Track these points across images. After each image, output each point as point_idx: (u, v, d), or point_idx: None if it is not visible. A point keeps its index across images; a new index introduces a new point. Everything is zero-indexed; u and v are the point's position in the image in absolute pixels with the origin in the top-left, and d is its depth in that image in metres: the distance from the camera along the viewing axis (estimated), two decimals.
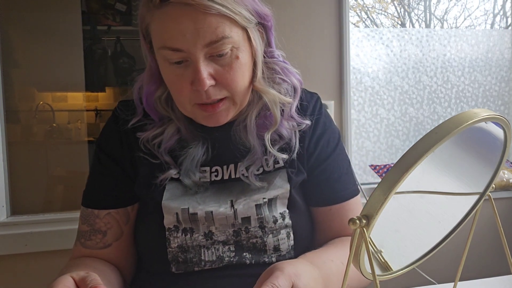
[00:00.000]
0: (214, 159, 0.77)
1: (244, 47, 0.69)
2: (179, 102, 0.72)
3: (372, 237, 0.43)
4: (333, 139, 0.81)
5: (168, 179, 0.75)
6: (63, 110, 2.26)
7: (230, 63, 0.67)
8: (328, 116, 0.83)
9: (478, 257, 1.87)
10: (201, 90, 0.65)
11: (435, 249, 0.52)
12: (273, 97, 0.73)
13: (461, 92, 2.08)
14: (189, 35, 0.63)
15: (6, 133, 1.56)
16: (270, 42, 0.77)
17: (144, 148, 0.76)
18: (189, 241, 0.73)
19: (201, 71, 0.64)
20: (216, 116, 0.70)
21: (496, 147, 0.47)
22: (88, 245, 0.77)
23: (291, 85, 0.77)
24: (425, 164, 0.37)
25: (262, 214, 0.73)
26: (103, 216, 0.77)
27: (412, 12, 2.45)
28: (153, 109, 0.77)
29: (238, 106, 0.72)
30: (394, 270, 0.48)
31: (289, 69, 0.79)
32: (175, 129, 0.76)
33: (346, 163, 0.82)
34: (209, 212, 0.73)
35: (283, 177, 0.75)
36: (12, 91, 1.96)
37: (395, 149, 2.02)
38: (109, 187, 0.79)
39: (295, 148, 0.76)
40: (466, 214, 0.52)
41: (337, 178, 0.79)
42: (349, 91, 1.75)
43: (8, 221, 1.51)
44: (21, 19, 1.95)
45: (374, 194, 0.37)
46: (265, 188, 0.74)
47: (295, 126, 0.76)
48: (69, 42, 2.10)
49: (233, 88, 0.69)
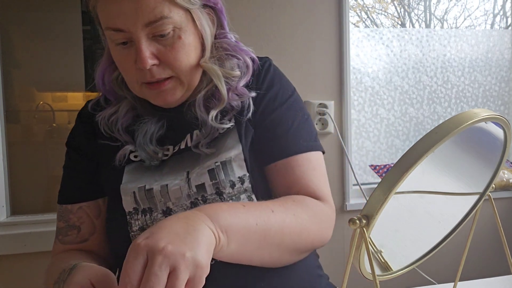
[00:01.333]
0: (173, 136, 0.78)
1: (188, 28, 0.70)
2: (128, 82, 0.74)
3: (372, 237, 0.43)
4: (283, 94, 0.79)
5: (126, 158, 0.76)
6: (63, 110, 2.26)
7: (172, 43, 0.68)
8: (278, 74, 0.82)
9: (478, 257, 1.87)
10: (144, 68, 0.67)
11: (435, 249, 0.52)
12: (216, 72, 0.74)
13: (461, 92, 2.08)
14: (129, 15, 0.65)
15: (6, 133, 1.56)
16: (222, 24, 0.78)
17: (104, 131, 0.77)
18: (149, 221, 0.72)
19: (143, 50, 0.66)
20: (162, 95, 0.72)
21: (496, 147, 0.47)
22: (67, 241, 0.78)
23: (242, 61, 0.77)
24: (425, 164, 0.37)
25: (217, 179, 0.71)
26: (76, 210, 0.79)
27: (412, 12, 2.45)
28: (111, 90, 0.79)
29: (186, 85, 0.73)
30: (394, 270, 0.48)
31: (241, 47, 0.79)
32: (129, 106, 0.78)
33: (298, 119, 0.78)
34: (164, 185, 0.72)
35: (233, 137, 0.74)
36: (12, 91, 1.97)
37: (395, 149, 2.02)
38: (79, 181, 0.80)
39: (248, 112, 0.75)
40: (466, 214, 0.52)
41: (282, 133, 0.76)
42: (349, 91, 1.75)
43: (8, 221, 1.51)
44: (22, 19, 1.95)
45: (374, 194, 0.37)
46: (216, 153, 0.73)
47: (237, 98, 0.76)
48: (69, 42, 2.10)
49: (177, 68, 0.70)
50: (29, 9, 1.98)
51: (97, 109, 0.81)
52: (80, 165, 0.81)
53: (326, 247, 0.75)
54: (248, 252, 0.61)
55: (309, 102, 1.69)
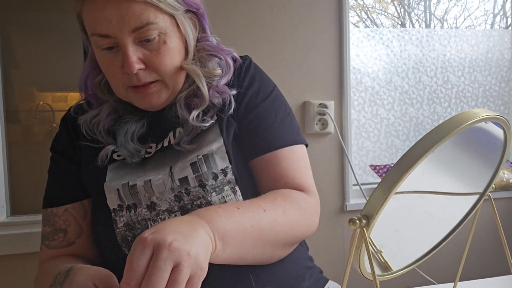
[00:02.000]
0: (155, 134, 0.79)
1: (173, 33, 0.72)
2: (113, 86, 0.75)
3: (372, 237, 0.43)
4: (265, 89, 0.81)
5: (109, 157, 0.77)
6: (63, 110, 2.26)
7: (158, 48, 0.70)
8: (258, 71, 0.83)
9: (478, 257, 1.87)
10: (131, 73, 0.69)
11: (435, 249, 0.52)
12: (196, 72, 0.75)
13: (461, 92, 2.08)
14: (114, 21, 0.67)
15: (6, 133, 1.56)
16: (204, 28, 0.80)
17: (87, 134, 0.79)
18: (133, 216, 0.72)
19: (130, 55, 0.68)
20: (148, 98, 0.73)
21: (496, 147, 0.47)
22: (53, 245, 0.78)
23: (224, 61, 0.79)
24: (425, 164, 0.37)
25: (199, 172, 0.72)
26: (61, 213, 0.79)
27: (412, 12, 2.45)
28: (94, 94, 0.81)
29: (171, 89, 0.75)
30: (394, 270, 0.48)
31: (222, 48, 0.80)
32: (111, 109, 0.80)
33: (281, 113, 0.80)
34: (148, 180, 0.73)
35: (215, 131, 0.76)
36: (12, 91, 1.97)
37: (395, 149, 2.02)
38: (63, 183, 0.81)
39: (229, 109, 0.77)
40: (466, 214, 0.52)
41: (266, 127, 0.77)
42: (349, 91, 1.75)
43: (8, 221, 1.51)
44: (21, 19, 1.96)
45: (374, 194, 0.37)
46: (198, 147, 0.74)
47: (217, 96, 0.77)
48: (69, 42, 2.10)
49: (162, 72, 0.72)
50: (29, 9, 1.98)
51: (79, 112, 0.82)
52: (65, 168, 0.82)
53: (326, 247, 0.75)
54: (242, 253, 0.63)
55: (309, 102, 1.69)
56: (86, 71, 0.81)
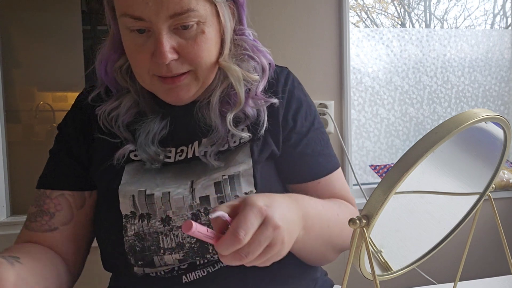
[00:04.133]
0: (177, 138, 0.74)
1: (212, 22, 0.66)
2: (138, 74, 0.69)
3: (372, 237, 0.43)
4: (310, 111, 0.78)
5: (126, 157, 0.72)
6: (63, 110, 2.26)
7: (195, 37, 0.64)
8: (302, 90, 0.80)
9: (478, 257, 1.87)
10: (162, 64, 0.63)
11: (435, 249, 0.52)
12: (237, 74, 0.70)
13: (461, 92, 2.08)
14: (151, 4, 0.60)
15: (6, 133, 1.56)
16: (241, 19, 0.74)
17: (104, 127, 0.73)
18: (145, 227, 0.68)
19: (163, 44, 0.62)
20: (176, 90, 0.67)
21: (496, 147, 0.47)
22: (32, 227, 0.72)
23: (259, 64, 0.74)
24: (425, 164, 0.37)
25: (222, 193, 0.68)
26: (55, 196, 0.73)
27: (412, 12, 2.45)
28: (113, 80, 0.74)
29: (201, 82, 0.69)
30: (394, 270, 0.48)
31: (259, 48, 0.75)
32: (132, 101, 0.73)
33: (326, 135, 0.80)
34: (166, 193, 0.69)
35: (245, 152, 0.71)
36: (13, 91, 1.97)
37: (395, 149, 2.02)
38: (66, 167, 0.75)
39: (263, 126, 0.72)
40: (466, 214, 0.52)
41: (320, 151, 0.77)
42: (349, 91, 1.75)
43: (8, 221, 1.51)
44: (22, 19, 1.96)
45: (374, 194, 0.37)
46: (225, 166, 0.70)
47: (259, 105, 0.73)
48: (70, 42, 2.10)
49: (197, 63, 0.66)
50: (29, 9, 1.99)
51: (98, 100, 0.75)
52: (70, 150, 0.75)
53: None
54: (311, 248, 0.67)
55: None
56: (105, 54, 0.73)
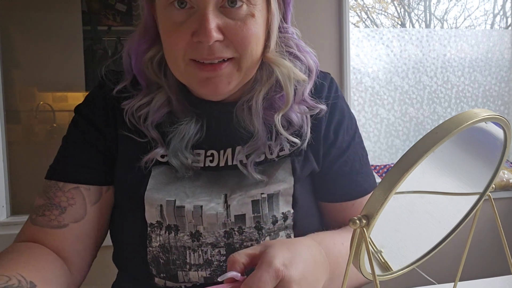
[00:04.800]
0: (209, 141, 0.67)
1: (261, 8, 0.59)
2: (172, 59, 0.61)
3: (372, 237, 0.43)
4: (351, 125, 0.72)
5: (154, 161, 0.65)
6: (63, 110, 2.27)
7: (245, 18, 0.57)
8: (344, 100, 0.74)
9: (478, 257, 1.87)
10: (205, 42, 0.55)
11: (435, 249, 0.52)
12: (287, 70, 0.62)
13: (461, 92, 2.08)
14: None
15: (6, 133, 1.57)
16: (286, 17, 0.67)
17: (130, 123, 0.65)
18: (172, 240, 0.63)
19: (209, 20, 0.54)
20: (214, 82, 0.59)
21: (496, 147, 0.47)
22: (39, 221, 0.63)
23: (306, 65, 0.67)
24: (425, 164, 0.37)
25: (259, 213, 0.63)
26: (68, 190, 0.64)
27: (412, 12, 2.45)
28: (142, 72, 0.66)
29: (242, 74, 0.61)
30: (394, 270, 0.48)
31: (305, 47, 0.69)
32: (165, 99, 0.65)
33: (365, 152, 0.74)
34: (198, 207, 0.63)
35: (286, 168, 0.65)
36: (13, 91, 1.97)
37: (395, 149, 2.02)
38: (84, 157, 0.66)
39: (306, 137, 0.65)
40: (466, 214, 0.52)
41: (359, 169, 0.70)
42: (349, 91, 1.75)
43: (8, 221, 1.51)
44: (22, 19, 1.96)
45: (374, 194, 0.37)
46: (264, 183, 0.64)
47: (307, 111, 0.66)
48: (70, 42, 2.11)
49: (244, 48, 0.58)
50: (29, 9, 1.99)
51: (124, 92, 0.67)
52: (90, 140, 0.67)
53: None
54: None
55: None
56: (135, 43, 0.65)
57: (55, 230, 0.63)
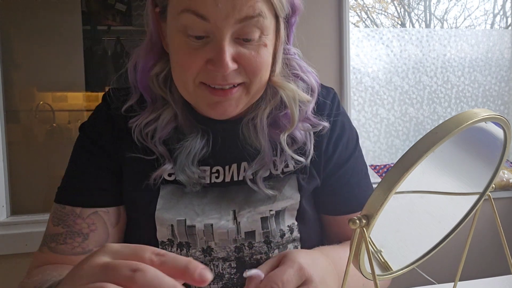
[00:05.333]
0: (215, 157, 0.68)
1: (272, 37, 0.62)
2: (181, 80, 0.61)
3: (372, 237, 0.43)
4: (352, 140, 0.74)
5: (162, 178, 0.66)
6: (63, 110, 2.27)
7: (258, 49, 0.59)
8: (346, 115, 0.76)
9: (478, 257, 1.87)
10: (223, 72, 0.57)
11: (435, 249, 0.52)
12: (292, 93, 0.65)
13: (461, 92, 2.08)
14: (222, 7, 0.54)
15: (6, 133, 1.56)
16: (289, 38, 0.69)
17: (138, 141, 0.66)
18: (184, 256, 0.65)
19: (225, 51, 0.56)
20: (224, 105, 0.61)
21: (496, 147, 0.47)
22: (61, 249, 0.63)
23: (308, 85, 0.69)
24: (425, 164, 0.37)
25: (268, 228, 0.66)
26: (88, 215, 0.64)
27: (412, 12, 2.45)
28: (147, 87, 0.66)
29: (250, 97, 0.63)
30: (394, 270, 0.48)
31: (307, 68, 0.72)
32: (171, 114, 0.66)
33: (365, 166, 0.76)
34: (209, 225, 0.65)
35: (292, 185, 0.68)
36: (13, 91, 1.97)
37: (395, 149, 2.02)
38: (97, 180, 0.66)
39: (309, 154, 0.68)
40: (466, 214, 0.52)
41: (356, 183, 0.72)
42: (349, 91, 1.75)
43: (8, 221, 1.51)
44: (22, 19, 1.96)
45: (374, 194, 0.37)
46: (272, 199, 0.66)
47: (310, 128, 0.68)
48: (69, 42, 2.10)
49: (255, 76, 0.60)
50: (29, 9, 1.99)
51: (130, 111, 0.67)
52: (101, 163, 0.67)
53: None
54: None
55: None
56: (141, 59, 0.66)
57: (80, 256, 0.63)
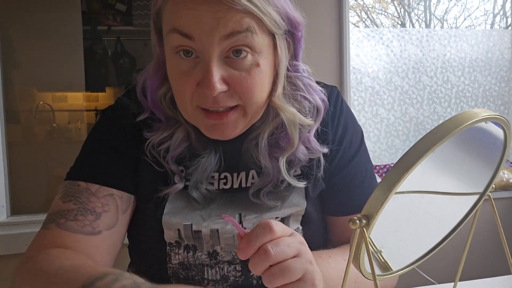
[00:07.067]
0: (224, 165, 0.69)
1: (267, 55, 0.60)
2: (180, 104, 0.62)
3: (372, 237, 0.43)
4: (356, 139, 0.72)
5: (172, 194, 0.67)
6: (63, 110, 2.27)
7: (249, 69, 0.57)
8: (349, 113, 0.74)
9: (478, 257, 1.87)
10: (209, 95, 0.56)
11: (435, 249, 0.52)
12: (292, 117, 0.63)
13: (461, 92, 2.08)
14: (205, 24, 0.54)
15: (6, 133, 1.56)
16: (296, 54, 0.68)
17: (150, 155, 0.66)
18: (191, 259, 0.67)
19: (212, 73, 0.55)
20: (220, 128, 0.60)
21: (496, 147, 0.47)
22: (70, 226, 0.60)
23: (314, 105, 0.67)
24: (425, 164, 0.37)
25: None
26: (103, 196, 0.63)
27: (412, 12, 2.45)
28: (158, 107, 0.66)
29: (249, 119, 0.62)
30: (394, 270, 0.48)
31: (314, 87, 0.69)
32: (184, 133, 0.66)
33: (370, 165, 0.75)
34: (215, 230, 0.66)
35: (299, 192, 0.68)
36: (12, 91, 1.97)
37: (395, 149, 2.02)
38: (114, 163, 0.66)
39: (318, 168, 0.67)
40: (466, 214, 0.52)
41: (359, 183, 0.71)
42: (349, 91, 1.75)
43: (8, 221, 1.51)
44: (22, 19, 1.96)
45: (374, 194, 0.37)
46: (278, 207, 0.66)
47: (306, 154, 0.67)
48: (70, 42, 2.11)
49: (248, 98, 0.59)
50: (29, 9, 1.99)
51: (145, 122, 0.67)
52: (119, 149, 0.66)
53: None
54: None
55: None
56: (149, 79, 0.66)
57: (88, 236, 0.60)
